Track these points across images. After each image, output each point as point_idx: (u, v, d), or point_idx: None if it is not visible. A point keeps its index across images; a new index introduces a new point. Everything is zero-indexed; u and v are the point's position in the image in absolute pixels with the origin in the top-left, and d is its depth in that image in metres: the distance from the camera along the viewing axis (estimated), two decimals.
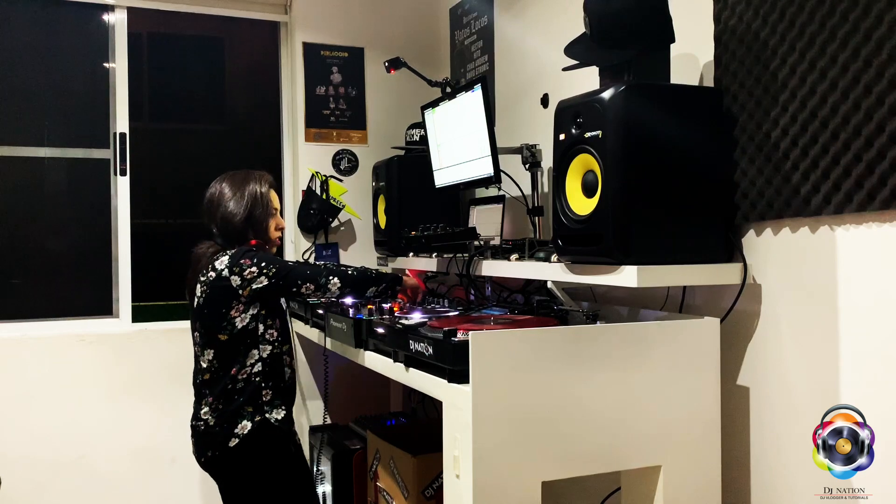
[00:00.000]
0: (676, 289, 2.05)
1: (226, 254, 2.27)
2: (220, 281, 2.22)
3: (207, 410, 2.26)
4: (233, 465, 2.26)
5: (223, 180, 2.39)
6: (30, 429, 3.14)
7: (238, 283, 2.20)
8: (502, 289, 2.61)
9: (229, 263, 2.23)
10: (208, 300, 2.25)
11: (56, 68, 3.52)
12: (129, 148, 3.40)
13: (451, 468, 1.67)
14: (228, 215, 2.33)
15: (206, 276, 2.27)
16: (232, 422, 2.22)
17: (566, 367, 1.68)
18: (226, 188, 2.36)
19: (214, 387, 2.25)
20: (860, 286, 1.61)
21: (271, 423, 2.25)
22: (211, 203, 2.37)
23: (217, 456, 2.25)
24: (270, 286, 2.23)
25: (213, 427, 2.24)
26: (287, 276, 2.23)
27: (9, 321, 3.24)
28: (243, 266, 2.21)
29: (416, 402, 3.32)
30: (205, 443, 2.27)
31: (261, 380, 2.25)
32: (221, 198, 2.35)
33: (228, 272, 2.21)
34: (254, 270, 2.21)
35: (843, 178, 1.60)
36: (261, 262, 2.23)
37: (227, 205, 2.34)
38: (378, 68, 3.39)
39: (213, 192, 2.38)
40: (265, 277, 2.22)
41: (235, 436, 2.21)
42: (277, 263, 2.25)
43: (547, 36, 2.75)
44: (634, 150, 1.72)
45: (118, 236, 3.39)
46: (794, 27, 1.71)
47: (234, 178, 2.39)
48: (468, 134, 2.54)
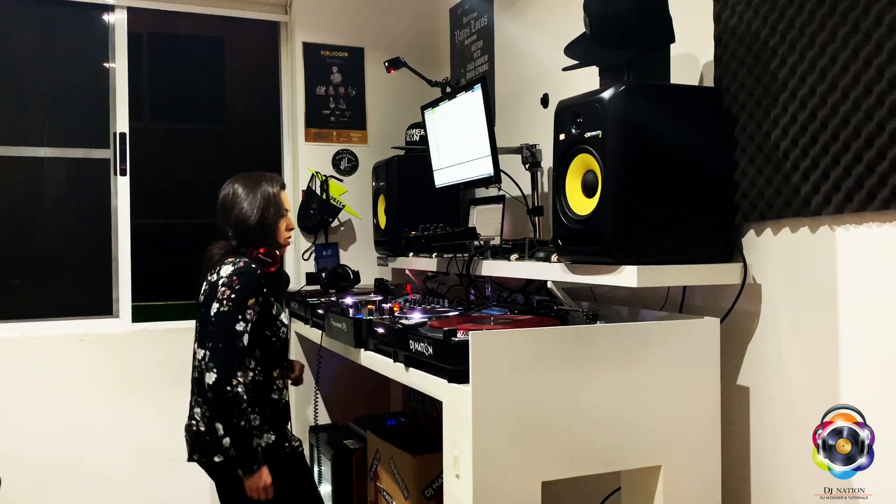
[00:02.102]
0: (676, 289, 2.05)
1: (233, 263, 2.27)
2: (215, 287, 2.24)
3: (199, 412, 2.27)
4: (220, 477, 2.27)
5: (236, 182, 2.39)
6: (30, 429, 3.14)
7: (221, 296, 2.20)
8: (502, 289, 2.61)
9: (228, 275, 2.23)
10: (205, 301, 2.27)
11: (56, 68, 3.52)
12: (129, 148, 3.40)
13: (451, 468, 1.67)
14: (242, 216, 2.33)
15: (212, 276, 2.29)
16: (218, 439, 2.17)
17: (566, 366, 1.68)
18: (239, 189, 2.36)
19: (202, 389, 2.23)
20: (860, 286, 1.61)
21: (261, 448, 2.23)
22: (224, 204, 2.37)
23: (204, 462, 2.26)
24: (209, 318, 2.19)
25: (204, 434, 2.24)
26: (217, 326, 2.17)
27: (9, 321, 3.24)
28: (230, 284, 2.20)
29: (416, 402, 3.32)
30: (194, 445, 2.29)
31: (248, 405, 2.19)
32: (235, 199, 2.34)
33: (222, 284, 2.22)
34: (225, 292, 2.19)
35: (843, 178, 1.60)
36: (233, 295, 2.18)
37: (240, 206, 2.33)
38: (378, 68, 3.39)
39: (227, 194, 2.37)
40: (217, 306, 2.18)
41: (221, 453, 2.20)
42: (235, 308, 2.17)
43: (547, 36, 2.75)
44: (634, 150, 1.72)
45: (118, 236, 3.39)
46: (794, 27, 1.71)
47: (248, 180, 2.38)
48: (468, 134, 2.54)
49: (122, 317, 3.38)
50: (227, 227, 2.38)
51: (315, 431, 3.28)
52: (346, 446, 3.00)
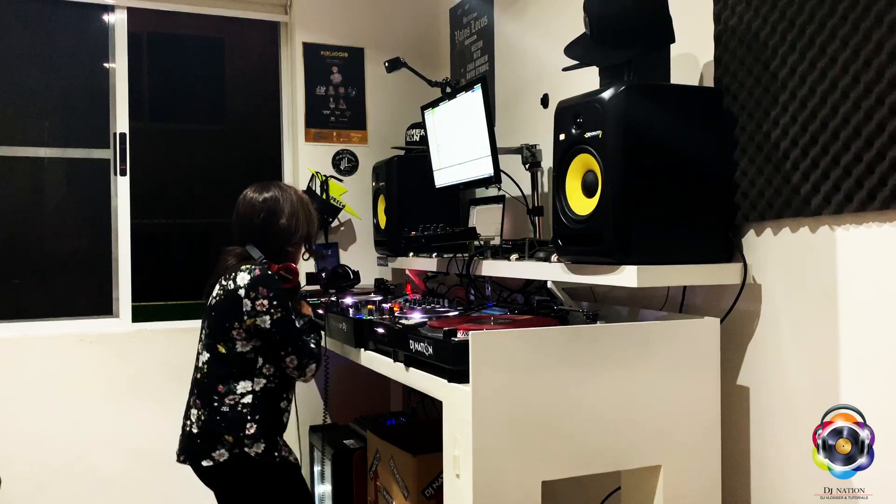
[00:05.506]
0: (676, 289, 2.05)
1: (248, 271, 2.19)
2: (235, 294, 2.16)
3: (195, 414, 2.22)
4: (206, 481, 2.25)
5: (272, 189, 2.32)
6: (30, 429, 3.13)
7: (248, 308, 2.15)
8: (502, 289, 2.61)
9: (249, 283, 2.16)
10: (219, 305, 2.20)
11: (56, 68, 3.53)
12: (129, 148, 3.40)
13: (451, 468, 1.67)
14: (285, 231, 2.30)
15: (227, 282, 2.20)
16: (211, 443, 2.16)
17: (566, 367, 1.68)
18: (285, 203, 2.30)
19: (202, 391, 2.21)
20: (860, 286, 1.61)
21: (250, 457, 2.16)
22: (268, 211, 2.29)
23: (192, 466, 2.22)
24: (269, 332, 2.16)
25: (196, 437, 2.19)
26: (284, 332, 2.17)
27: (9, 321, 3.24)
28: (259, 294, 2.15)
29: (416, 402, 3.32)
30: (185, 447, 2.24)
31: (248, 412, 2.16)
32: (279, 211, 2.29)
33: (244, 292, 2.15)
34: (264, 304, 2.14)
35: (843, 178, 1.60)
36: (273, 300, 2.15)
37: (283, 220, 2.29)
38: (378, 68, 3.39)
39: (272, 199, 2.30)
40: (269, 318, 2.15)
41: (211, 458, 2.16)
42: (285, 310, 2.17)
43: (547, 36, 2.75)
44: (634, 150, 1.72)
45: (118, 236, 3.38)
46: (794, 27, 1.71)
47: (287, 193, 2.33)
48: (468, 134, 2.54)
49: (122, 317, 3.38)
50: (269, 234, 2.29)
51: (315, 431, 3.29)
52: (346, 446, 3.00)
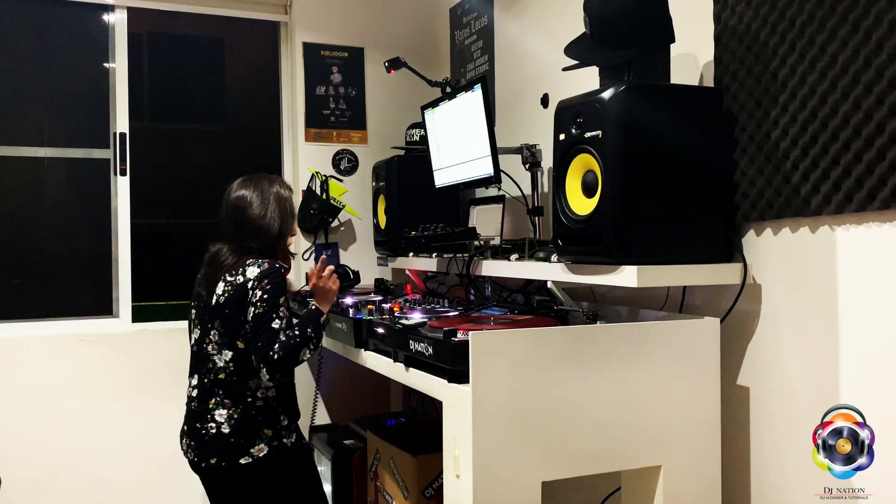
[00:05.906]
0: (676, 289, 2.05)
1: (257, 264, 2.22)
2: (244, 288, 2.19)
3: (224, 414, 2.19)
4: (238, 480, 2.22)
5: (248, 186, 2.33)
6: (30, 429, 3.13)
7: (250, 298, 2.18)
8: (502, 289, 2.61)
9: (258, 276, 2.19)
10: (230, 301, 2.20)
11: (56, 68, 3.53)
12: (129, 148, 3.40)
13: (451, 468, 1.67)
14: (263, 225, 2.29)
15: (234, 278, 2.22)
16: (249, 440, 2.19)
17: (566, 366, 1.68)
18: (254, 196, 2.31)
19: (229, 390, 2.20)
20: (860, 286, 1.61)
21: (287, 447, 2.25)
22: (239, 209, 2.31)
23: (224, 467, 2.20)
24: (248, 322, 2.17)
25: (228, 437, 2.19)
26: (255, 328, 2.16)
27: (9, 321, 3.24)
28: (260, 286, 2.18)
29: (416, 402, 3.32)
30: (212, 449, 2.20)
31: (276, 404, 2.24)
32: (250, 205, 2.30)
33: (252, 283, 2.19)
34: (257, 294, 2.17)
35: (843, 178, 1.60)
36: (265, 295, 2.17)
37: (258, 212, 2.29)
38: (378, 68, 3.39)
39: (242, 198, 2.31)
40: (253, 309, 2.16)
41: (250, 455, 2.18)
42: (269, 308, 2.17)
43: (547, 36, 2.75)
44: (634, 150, 1.72)
45: (118, 236, 3.38)
46: (794, 27, 1.71)
47: (261, 184, 2.34)
48: (468, 134, 2.54)
49: (122, 317, 3.38)
50: (242, 231, 2.31)
51: (315, 431, 3.29)
52: (346, 446, 3.00)
